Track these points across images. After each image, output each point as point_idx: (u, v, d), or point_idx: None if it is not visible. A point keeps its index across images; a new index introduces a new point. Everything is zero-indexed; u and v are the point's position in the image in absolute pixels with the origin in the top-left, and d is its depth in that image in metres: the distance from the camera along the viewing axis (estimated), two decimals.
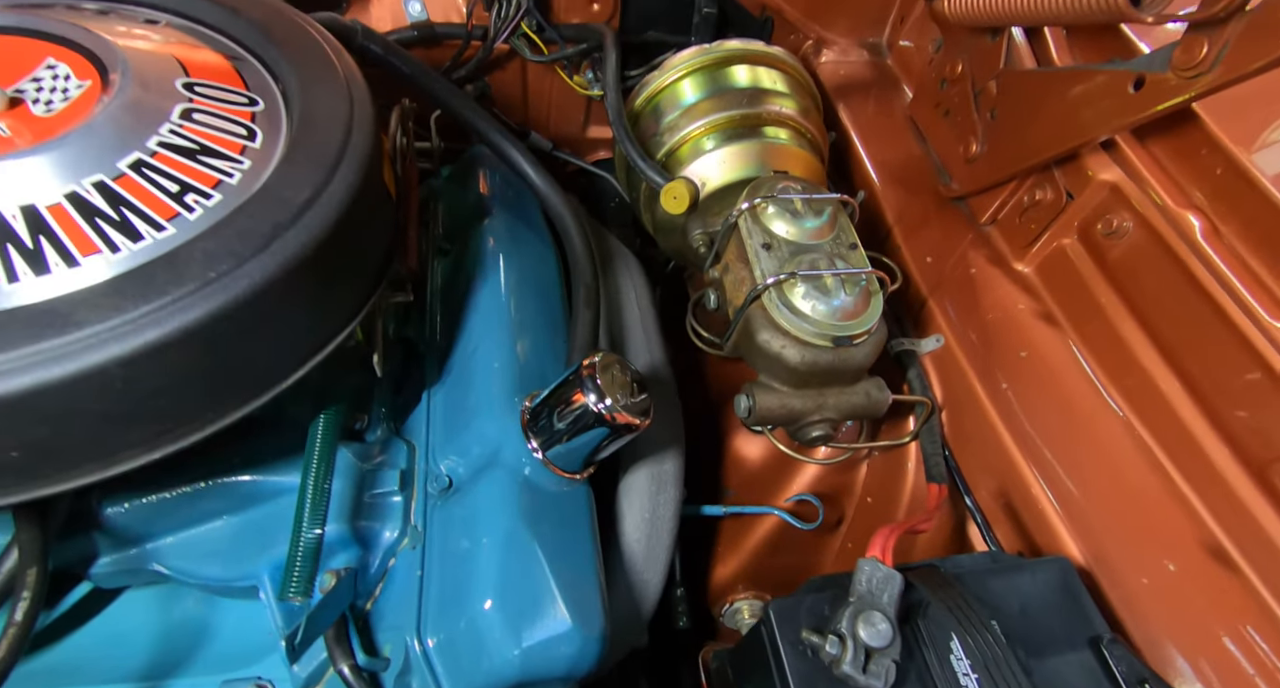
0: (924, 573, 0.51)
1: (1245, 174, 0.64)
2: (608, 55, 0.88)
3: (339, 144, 0.53)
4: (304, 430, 0.63)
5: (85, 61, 0.53)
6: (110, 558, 0.62)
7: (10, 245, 0.43)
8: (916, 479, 0.81)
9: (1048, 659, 0.49)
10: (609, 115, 0.84)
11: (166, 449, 0.48)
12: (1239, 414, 0.64)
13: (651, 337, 0.90)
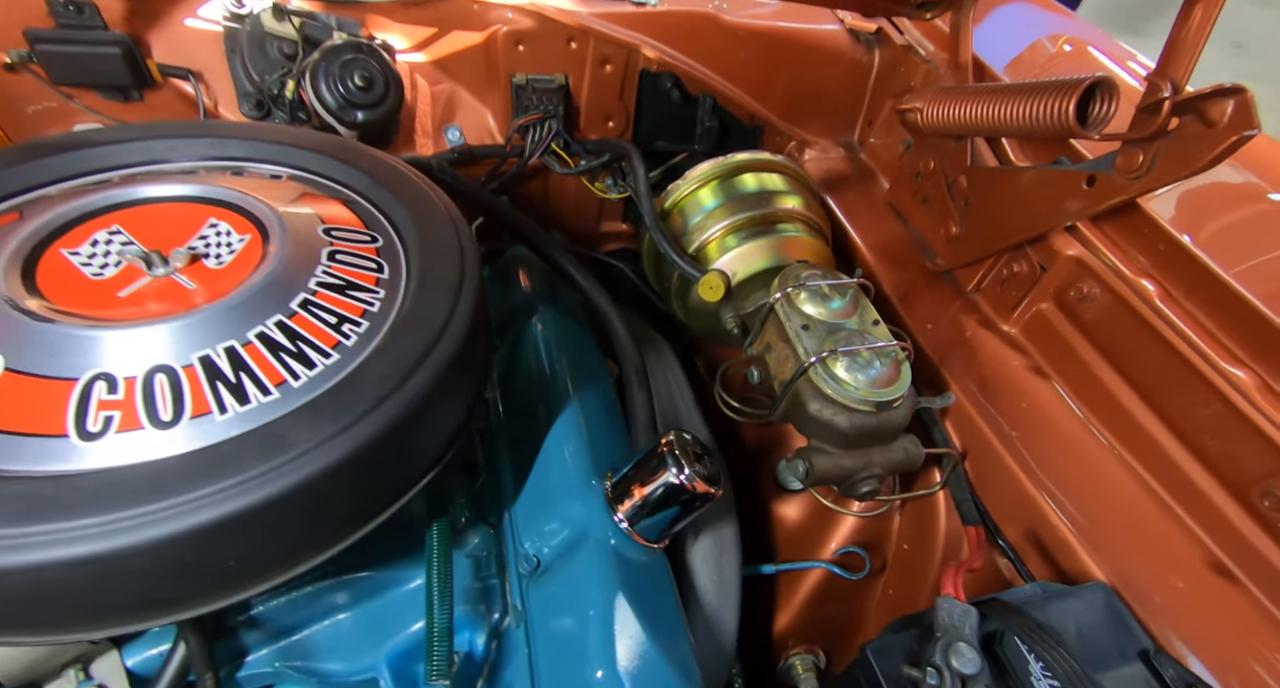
0: (993, 606, 0.59)
1: (1183, 248, 0.79)
2: (636, 169, 1.01)
3: (458, 268, 0.63)
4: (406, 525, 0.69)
5: (242, 219, 0.62)
6: (237, 663, 0.65)
7: (220, 382, 0.50)
8: (948, 524, 0.90)
9: (1107, 674, 0.57)
10: (646, 221, 0.96)
11: (337, 548, 0.54)
12: (1210, 442, 0.75)
13: (691, 410, 0.99)
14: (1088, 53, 1.16)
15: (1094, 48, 1.17)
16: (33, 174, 0.63)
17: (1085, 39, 1.20)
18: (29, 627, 0.45)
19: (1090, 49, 1.17)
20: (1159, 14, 6.30)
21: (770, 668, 1.00)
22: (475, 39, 1.05)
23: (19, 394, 0.46)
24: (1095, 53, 1.15)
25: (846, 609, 0.99)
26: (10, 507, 0.41)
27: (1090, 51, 1.16)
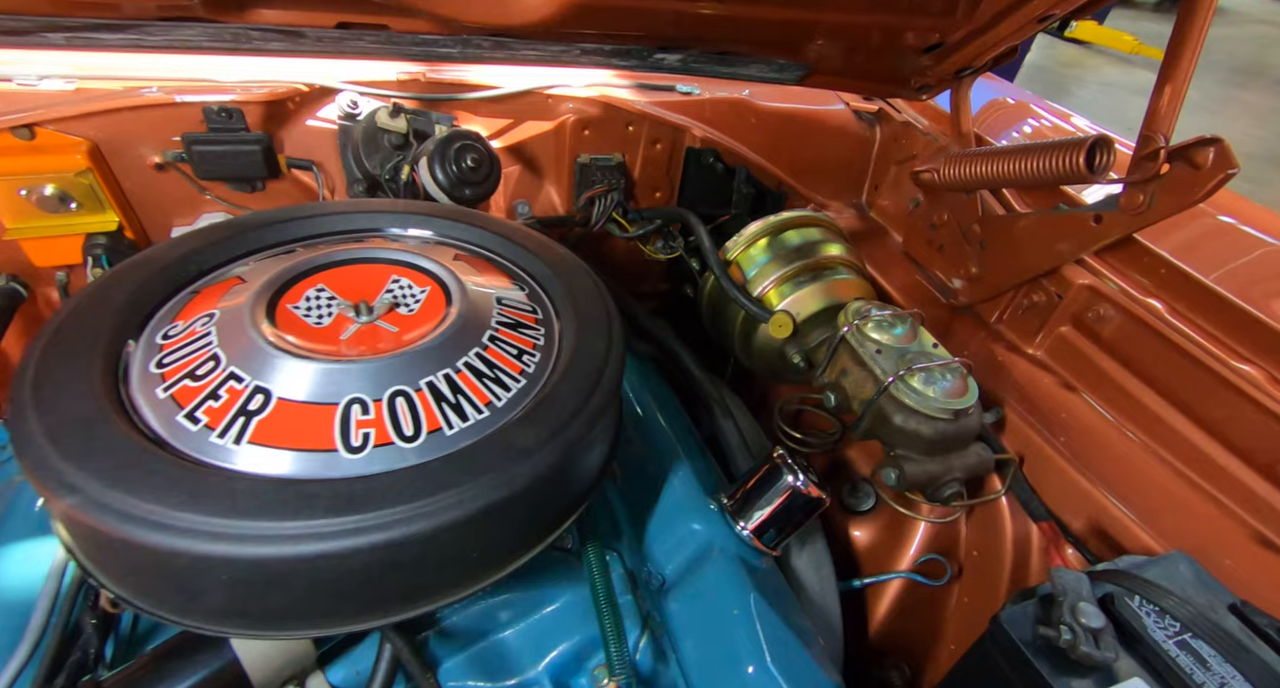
0: (1100, 573, 0.68)
1: (1181, 270, 0.94)
2: (698, 228, 1.14)
3: (604, 307, 0.73)
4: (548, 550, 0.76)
5: (419, 274, 0.71)
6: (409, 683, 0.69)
7: (444, 403, 0.58)
8: (1013, 528, 0.99)
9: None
10: (714, 271, 1.08)
11: (539, 548, 0.60)
12: (1233, 431, 0.87)
13: (759, 433, 1.08)
14: (1032, 109, 1.37)
15: (1038, 106, 1.38)
16: (235, 248, 0.72)
17: (1028, 101, 1.41)
18: (317, 616, 0.51)
19: (1034, 107, 1.38)
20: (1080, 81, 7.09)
21: (861, 684, 1.04)
22: (546, 127, 1.20)
23: (292, 419, 0.54)
24: (1041, 111, 1.36)
25: (926, 621, 1.05)
26: (320, 504, 0.48)
27: (1034, 108, 1.37)
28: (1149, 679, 0.61)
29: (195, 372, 0.57)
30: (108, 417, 0.51)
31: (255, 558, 0.46)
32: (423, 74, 1.09)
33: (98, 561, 0.51)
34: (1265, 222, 1.04)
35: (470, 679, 0.70)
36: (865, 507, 1.13)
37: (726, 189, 1.36)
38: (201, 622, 0.51)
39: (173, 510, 0.46)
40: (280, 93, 0.98)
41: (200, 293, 0.67)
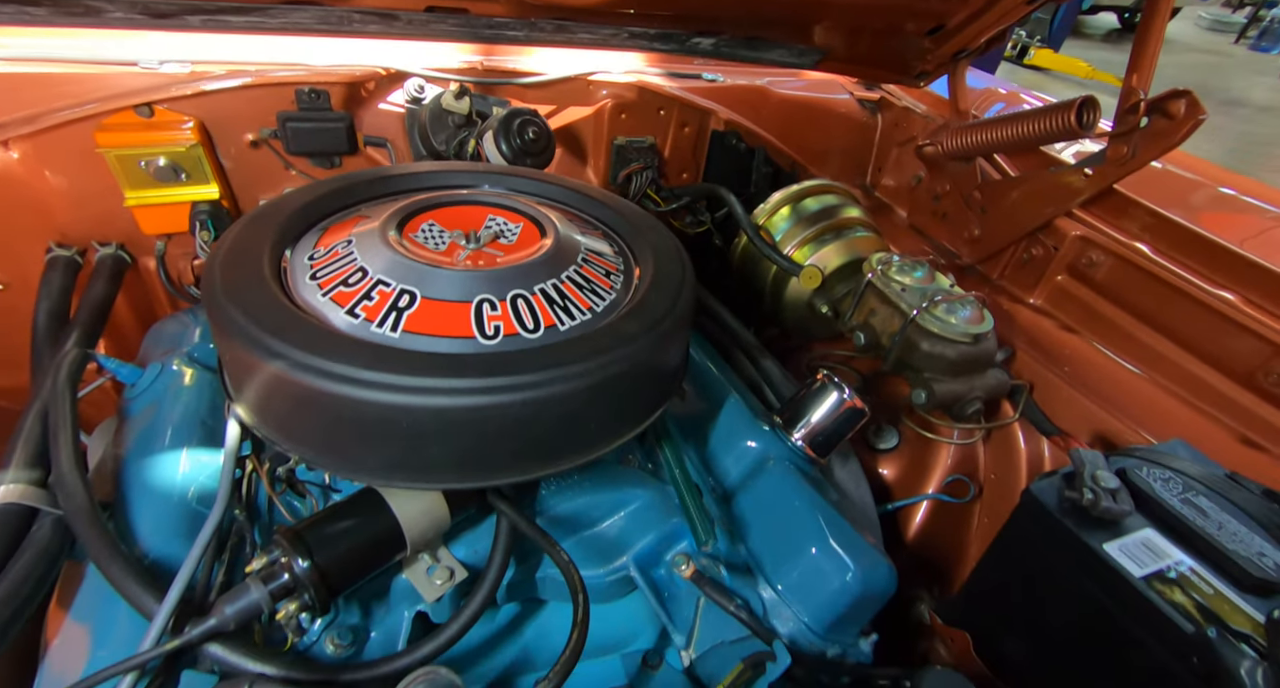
0: (1113, 451, 0.78)
1: (1159, 215, 1.06)
2: (730, 200, 1.26)
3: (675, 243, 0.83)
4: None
5: (512, 214, 0.82)
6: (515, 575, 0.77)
7: (555, 305, 0.68)
8: (1028, 451, 1.09)
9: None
10: (748, 234, 1.19)
11: (638, 429, 0.70)
12: (1215, 350, 0.98)
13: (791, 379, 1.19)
14: (1022, 97, 1.51)
15: (1026, 95, 1.51)
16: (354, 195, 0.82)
17: (1015, 89, 1.55)
18: (467, 469, 0.60)
19: (1023, 95, 1.52)
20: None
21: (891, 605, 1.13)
22: (587, 112, 1.32)
23: (436, 314, 0.64)
24: (1028, 98, 1.49)
25: (950, 542, 1.15)
26: (477, 366, 0.57)
27: (1024, 96, 1.51)
28: (1159, 530, 0.71)
29: (347, 280, 0.67)
30: (289, 308, 0.61)
31: (426, 407, 0.56)
32: (480, 63, 1.21)
33: (289, 426, 0.60)
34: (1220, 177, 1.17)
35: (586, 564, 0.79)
36: (889, 445, 1.23)
37: (746, 169, 1.47)
38: (374, 477, 0.60)
39: (362, 369, 0.55)
40: (359, 76, 1.09)
41: (330, 227, 0.77)
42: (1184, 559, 0.68)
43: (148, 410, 0.85)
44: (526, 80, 1.24)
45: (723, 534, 0.83)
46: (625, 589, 0.81)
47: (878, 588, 0.79)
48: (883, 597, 0.80)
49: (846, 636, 0.81)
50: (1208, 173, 1.22)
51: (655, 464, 0.93)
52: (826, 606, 0.78)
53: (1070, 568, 0.72)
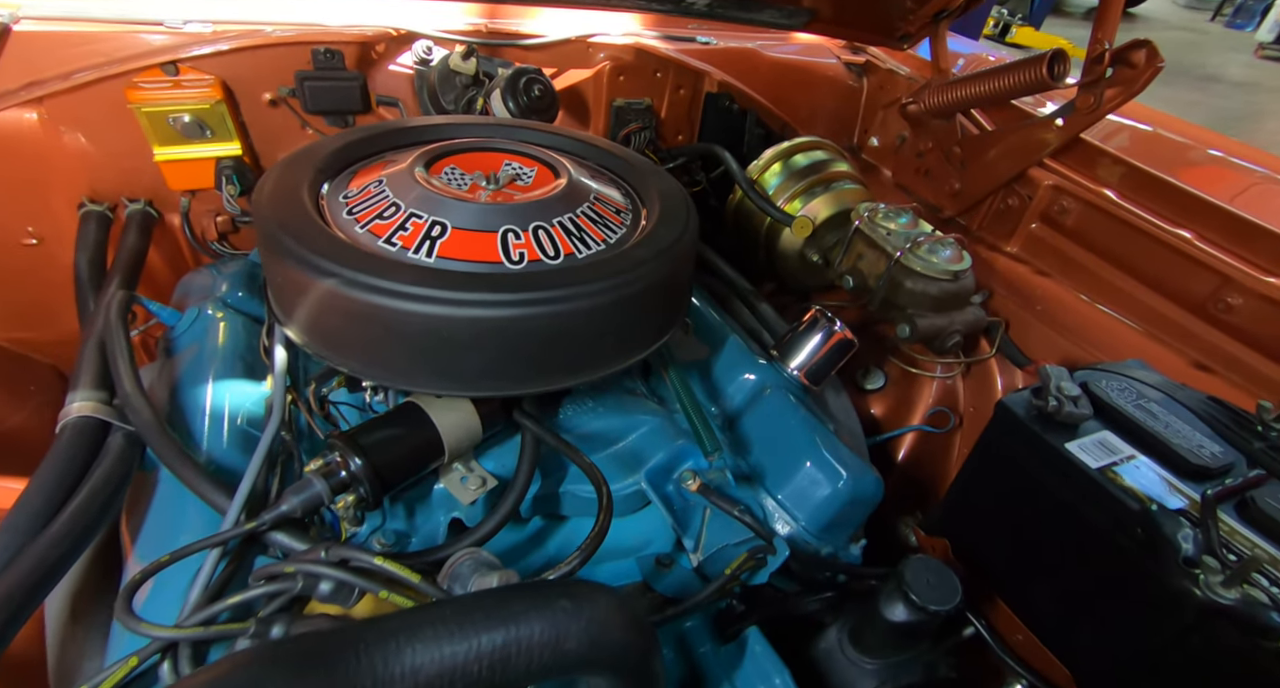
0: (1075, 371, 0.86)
1: (1126, 162, 1.13)
2: (726, 158, 1.32)
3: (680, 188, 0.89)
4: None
5: (526, 159, 0.87)
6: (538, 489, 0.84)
7: (572, 236, 0.75)
8: (1002, 384, 1.17)
9: None
10: (743, 188, 1.26)
11: (651, 349, 0.77)
12: (1172, 283, 1.06)
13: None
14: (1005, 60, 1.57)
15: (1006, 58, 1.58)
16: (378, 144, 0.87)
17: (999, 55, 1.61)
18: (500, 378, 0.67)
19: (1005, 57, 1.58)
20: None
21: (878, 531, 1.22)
22: (586, 74, 1.37)
23: (466, 242, 0.70)
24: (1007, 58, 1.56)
25: (933, 471, 1.23)
26: (510, 282, 0.64)
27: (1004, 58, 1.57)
28: (1113, 430, 0.79)
29: (382, 214, 0.72)
30: (338, 236, 0.67)
31: (464, 318, 0.62)
32: (485, 25, 1.25)
33: (340, 340, 0.67)
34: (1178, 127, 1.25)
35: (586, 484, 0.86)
36: (876, 385, 1.31)
37: (739, 130, 1.53)
38: (416, 385, 0.67)
39: (407, 285, 0.61)
40: (370, 36, 1.13)
41: (359, 171, 0.82)
42: (1134, 453, 0.76)
43: (189, 350, 0.91)
44: (529, 42, 1.28)
45: (726, 448, 0.91)
46: (639, 503, 0.89)
47: (866, 494, 0.87)
48: (871, 503, 0.88)
49: (839, 539, 0.90)
50: (1169, 125, 1.30)
51: (660, 398, 1.00)
52: (821, 510, 0.86)
53: (1037, 467, 0.80)
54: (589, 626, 0.50)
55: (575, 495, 0.86)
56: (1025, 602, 0.87)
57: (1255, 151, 1.28)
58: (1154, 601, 0.67)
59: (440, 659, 0.44)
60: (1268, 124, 6.71)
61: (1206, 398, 0.84)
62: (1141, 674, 0.72)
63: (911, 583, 0.74)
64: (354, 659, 0.42)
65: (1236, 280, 0.96)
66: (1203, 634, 0.63)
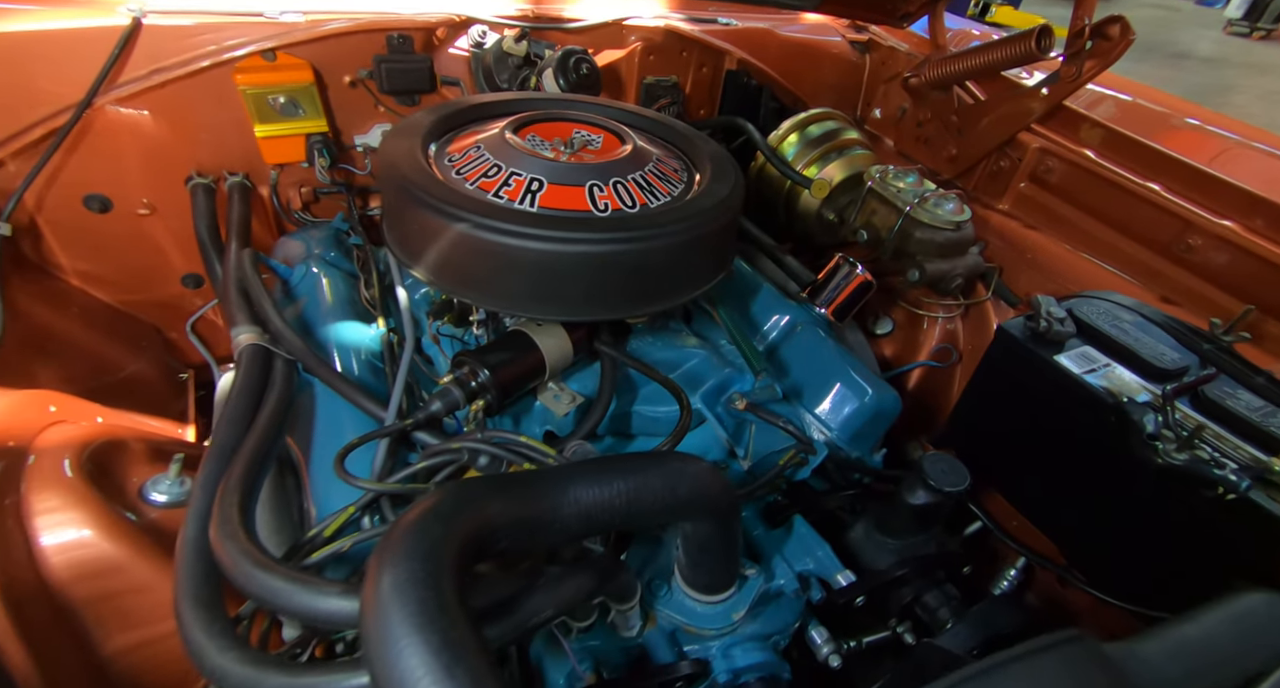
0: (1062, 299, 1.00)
1: (1104, 125, 1.26)
2: (748, 128, 1.44)
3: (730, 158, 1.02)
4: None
5: (592, 127, 1.00)
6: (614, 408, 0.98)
7: (644, 190, 0.87)
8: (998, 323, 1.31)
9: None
10: (766, 154, 1.38)
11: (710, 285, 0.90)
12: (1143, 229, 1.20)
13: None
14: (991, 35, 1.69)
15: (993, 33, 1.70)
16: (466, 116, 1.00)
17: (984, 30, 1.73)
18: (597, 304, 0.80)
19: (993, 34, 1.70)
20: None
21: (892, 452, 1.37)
22: (619, 54, 1.48)
23: (560, 194, 0.83)
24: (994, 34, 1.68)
25: (937, 402, 1.38)
26: (603, 225, 0.77)
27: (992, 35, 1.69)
28: (1093, 344, 0.94)
29: (486, 173, 0.85)
30: (459, 190, 0.79)
31: (570, 253, 0.75)
32: (530, 10, 1.36)
33: (464, 276, 0.80)
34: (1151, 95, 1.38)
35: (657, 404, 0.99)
36: (886, 330, 1.45)
37: (755, 104, 1.65)
38: (529, 310, 0.80)
39: (525, 227, 0.74)
40: (434, 22, 1.24)
41: (454, 138, 0.95)
42: (1110, 362, 0.91)
43: (303, 300, 1.04)
44: (570, 25, 1.39)
45: (769, 370, 1.05)
46: (695, 422, 1.03)
47: (888, 408, 1.02)
48: (890, 416, 1.03)
49: (864, 447, 1.04)
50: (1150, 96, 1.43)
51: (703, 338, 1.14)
52: (850, 421, 1.00)
53: (1030, 378, 0.95)
54: (694, 480, 0.65)
55: (643, 414, 1.00)
56: (1019, 492, 1.02)
57: (1227, 119, 1.41)
58: (1123, 472, 0.82)
59: (592, 495, 0.58)
60: (1235, 98, 6.84)
61: (1168, 317, 0.99)
62: (1112, 534, 0.87)
63: (929, 471, 0.89)
64: (537, 487, 0.56)
65: (1196, 224, 1.10)
66: (1159, 492, 0.78)
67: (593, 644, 0.76)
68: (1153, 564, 0.83)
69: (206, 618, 0.53)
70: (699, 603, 0.77)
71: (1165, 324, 0.94)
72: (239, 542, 0.56)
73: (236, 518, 0.58)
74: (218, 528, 0.57)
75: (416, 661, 0.40)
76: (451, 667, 0.40)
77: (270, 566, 0.54)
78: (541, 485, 0.56)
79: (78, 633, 0.71)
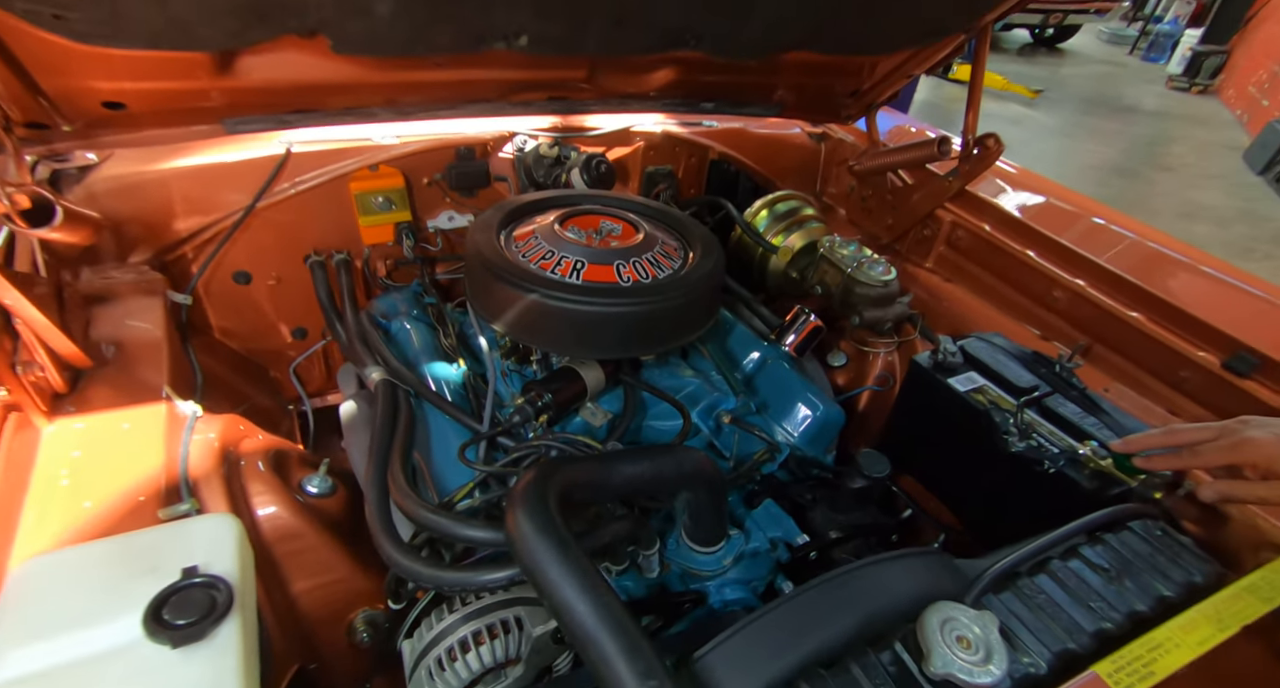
0: (957, 338, 1.35)
1: (993, 205, 1.64)
2: (729, 206, 1.82)
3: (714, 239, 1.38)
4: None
5: (613, 219, 1.36)
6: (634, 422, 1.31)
7: (650, 267, 1.23)
8: None
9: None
10: (742, 227, 1.75)
11: (700, 331, 1.25)
12: (1021, 283, 1.57)
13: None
14: (925, 132, 2.10)
15: (929, 130, 2.11)
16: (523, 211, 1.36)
17: (923, 126, 2.14)
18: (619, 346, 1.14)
19: (927, 132, 2.11)
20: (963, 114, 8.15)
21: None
22: (628, 151, 1.87)
23: (597, 270, 1.18)
24: (929, 132, 2.09)
25: (879, 418, 1.72)
26: (628, 292, 1.12)
27: (926, 132, 2.10)
28: (975, 370, 1.29)
29: (544, 257, 1.20)
30: (529, 268, 1.15)
31: (606, 312, 1.10)
32: (559, 122, 1.75)
33: (530, 329, 1.14)
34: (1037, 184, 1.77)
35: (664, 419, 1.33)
36: (839, 363, 1.80)
37: (734, 185, 2.04)
38: (576, 352, 1.14)
39: (575, 295, 1.09)
40: (489, 137, 1.63)
41: (517, 229, 1.31)
42: (985, 382, 1.26)
43: (402, 346, 1.38)
44: (590, 133, 1.78)
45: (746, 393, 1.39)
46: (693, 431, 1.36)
47: (834, 419, 1.36)
48: (837, 425, 1.37)
49: (819, 449, 1.38)
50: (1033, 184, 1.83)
51: (695, 369, 1.48)
52: (807, 430, 1.34)
53: (934, 395, 1.29)
54: (694, 463, 0.98)
55: (653, 427, 1.33)
56: (933, 479, 1.35)
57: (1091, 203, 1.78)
58: (990, 457, 1.15)
59: (631, 469, 0.91)
60: (1174, 148, 7.42)
61: (1028, 351, 1.34)
62: (985, 501, 1.20)
63: (861, 463, 1.22)
64: (597, 464, 0.89)
65: (1058, 281, 1.47)
66: (1012, 469, 1.11)
67: (625, 584, 1.08)
68: (1009, 519, 1.16)
69: (397, 544, 0.85)
70: (698, 553, 1.09)
71: (1023, 356, 1.29)
72: (414, 499, 0.88)
73: (406, 486, 0.91)
74: (399, 492, 0.89)
75: (545, 552, 0.73)
76: (563, 553, 0.73)
77: (437, 510, 0.86)
78: (599, 463, 0.89)
79: (279, 576, 1.02)
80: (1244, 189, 6.42)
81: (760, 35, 1.31)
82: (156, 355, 1.12)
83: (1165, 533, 0.84)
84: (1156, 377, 1.31)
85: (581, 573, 0.69)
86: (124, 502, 0.86)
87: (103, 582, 0.66)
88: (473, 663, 0.89)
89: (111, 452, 0.93)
